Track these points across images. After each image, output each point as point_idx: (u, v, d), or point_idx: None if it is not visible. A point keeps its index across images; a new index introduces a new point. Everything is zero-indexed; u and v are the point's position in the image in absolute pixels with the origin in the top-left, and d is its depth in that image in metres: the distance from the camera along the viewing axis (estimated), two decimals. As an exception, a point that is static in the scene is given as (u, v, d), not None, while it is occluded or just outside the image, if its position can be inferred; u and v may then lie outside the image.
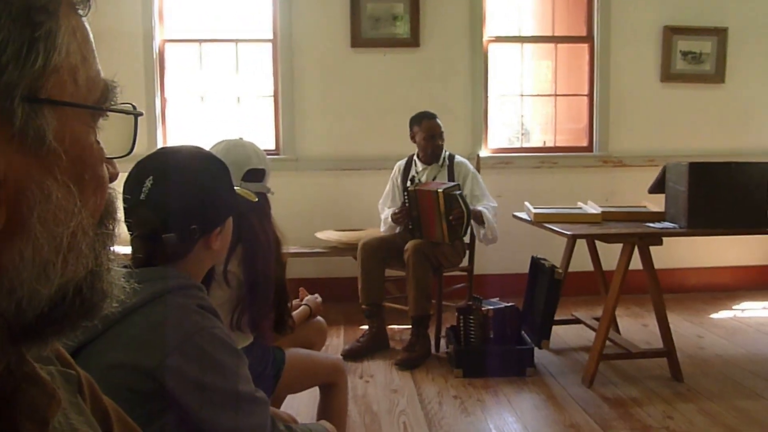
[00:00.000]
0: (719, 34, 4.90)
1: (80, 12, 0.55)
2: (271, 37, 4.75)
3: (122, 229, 0.82)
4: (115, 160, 0.61)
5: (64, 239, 0.51)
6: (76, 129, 0.53)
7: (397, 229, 3.87)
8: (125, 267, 0.61)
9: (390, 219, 3.80)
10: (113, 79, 0.59)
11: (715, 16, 4.90)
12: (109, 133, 0.60)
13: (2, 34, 0.47)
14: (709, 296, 4.88)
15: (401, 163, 4.04)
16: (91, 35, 0.57)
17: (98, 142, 0.57)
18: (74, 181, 0.52)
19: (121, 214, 0.61)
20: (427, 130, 3.81)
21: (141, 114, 0.63)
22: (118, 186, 0.64)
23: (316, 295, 2.38)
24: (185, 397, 1.05)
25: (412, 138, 3.90)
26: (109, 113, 0.58)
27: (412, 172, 3.92)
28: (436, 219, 3.51)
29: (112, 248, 0.59)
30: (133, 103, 0.63)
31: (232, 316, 1.91)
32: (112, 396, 0.77)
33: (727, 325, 4.17)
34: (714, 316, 4.40)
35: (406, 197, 3.66)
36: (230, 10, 4.80)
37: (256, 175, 2.03)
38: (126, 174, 1.23)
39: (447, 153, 3.90)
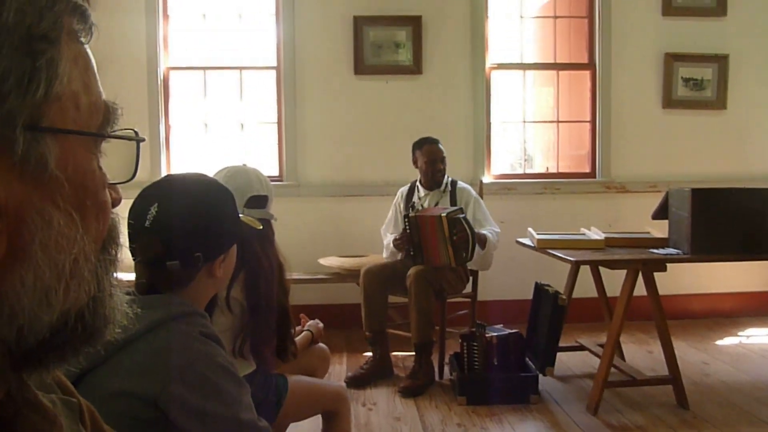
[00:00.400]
0: (720, 60, 4.94)
1: (82, 40, 0.56)
2: (274, 64, 4.80)
3: (126, 255, 0.83)
4: (118, 185, 0.61)
5: (66, 266, 0.51)
6: (78, 156, 0.53)
7: (399, 256, 3.87)
8: (128, 294, 0.61)
9: (392, 245, 3.81)
10: (114, 101, 0.59)
11: (716, 43, 4.94)
12: (112, 158, 0.61)
13: (4, 63, 0.47)
14: (713, 322, 4.85)
15: (404, 189, 4.05)
16: (93, 61, 0.57)
17: (100, 168, 0.57)
18: (76, 207, 0.52)
19: (124, 240, 0.61)
20: (428, 155, 3.82)
21: (143, 140, 0.63)
22: (122, 212, 0.65)
23: (317, 320, 2.38)
24: (187, 425, 1.05)
25: (415, 163, 3.92)
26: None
27: (415, 198, 3.93)
28: (441, 243, 3.51)
29: (114, 274, 0.59)
30: (136, 129, 0.63)
31: (234, 342, 1.90)
32: (114, 424, 0.76)
33: (732, 351, 4.14)
34: (719, 342, 4.37)
35: (406, 223, 3.67)
36: (234, 37, 4.86)
37: (259, 201, 2.03)
38: (131, 200, 1.24)
39: (449, 179, 3.92)
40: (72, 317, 0.53)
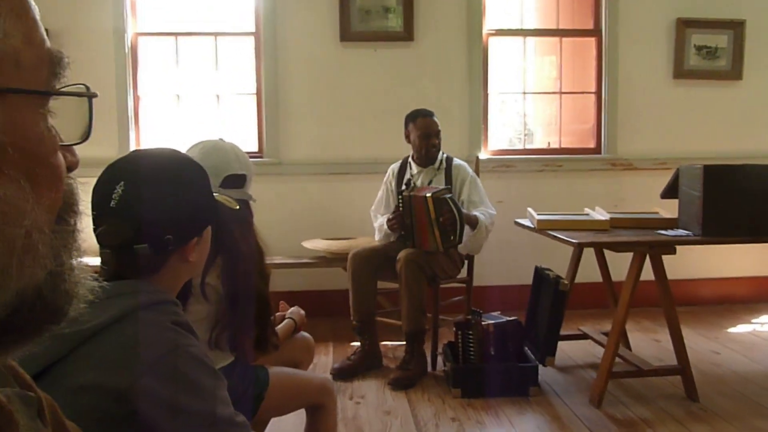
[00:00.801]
0: (736, 27, 4.94)
1: None
2: (253, 30, 4.76)
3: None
4: (73, 146, 0.59)
5: (18, 240, 0.50)
6: (22, 117, 0.52)
7: (393, 237, 3.88)
8: (94, 280, 0.61)
9: (385, 226, 3.81)
10: (60, 49, 0.57)
11: (731, 7, 4.94)
12: (64, 118, 0.59)
13: None
14: (725, 309, 4.91)
15: (395, 166, 4.05)
16: (33, 7, 0.54)
17: (50, 129, 0.55)
18: (25, 174, 0.51)
19: (83, 207, 0.60)
20: (422, 128, 3.82)
21: (95, 95, 0.61)
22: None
23: (297, 307, 2.37)
24: (158, 421, 1.05)
25: (407, 137, 3.91)
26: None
27: (407, 176, 3.93)
28: (428, 226, 3.52)
29: (75, 245, 0.57)
30: (86, 83, 0.61)
31: (210, 333, 1.90)
32: (80, 420, 0.76)
33: (744, 340, 4.19)
34: (731, 330, 4.42)
35: (400, 201, 3.67)
36: (209, 1, 4.81)
37: (236, 180, 2.02)
38: (95, 178, 1.23)
39: (444, 155, 3.91)
40: (29, 296, 0.52)
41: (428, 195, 3.46)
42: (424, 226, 3.55)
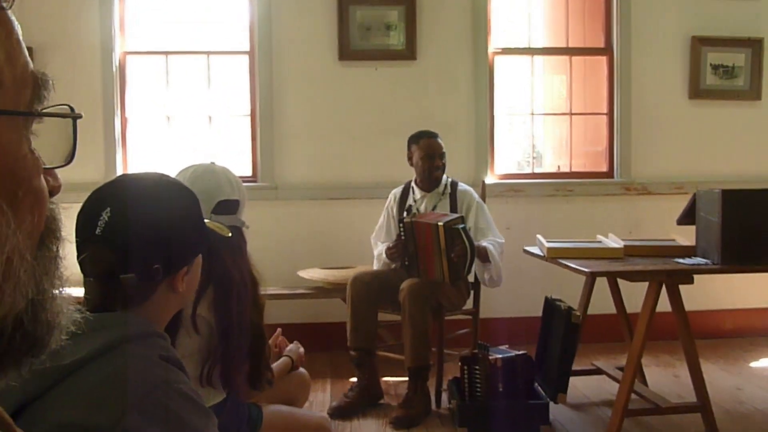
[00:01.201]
0: (754, 45, 4.98)
1: (3, 5, 0.54)
2: (247, 48, 4.80)
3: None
4: (56, 170, 0.60)
5: None
6: (5, 139, 0.52)
7: (393, 266, 3.87)
8: (77, 311, 0.61)
9: (384, 255, 3.81)
10: (44, 72, 0.58)
11: (748, 25, 4.98)
12: (47, 140, 0.59)
13: None
14: (748, 342, 4.88)
15: (397, 191, 4.05)
16: (16, 28, 0.55)
17: (33, 152, 0.56)
18: (6, 198, 0.51)
19: (65, 233, 0.60)
20: (425, 149, 3.83)
21: (79, 116, 0.62)
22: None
23: (297, 343, 2.37)
24: (145, 463, 1.04)
25: (410, 160, 3.93)
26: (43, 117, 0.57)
27: (410, 201, 3.94)
28: (436, 256, 3.51)
29: (57, 272, 0.58)
30: (71, 104, 0.62)
31: (202, 368, 1.89)
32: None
33: (769, 375, 4.17)
34: (754, 364, 4.39)
35: (401, 229, 3.67)
36: (201, 18, 4.85)
37: (228, 206, 2.03)
38: (80, 204, 1.24)
39: (449, 180, 3.92)
40: (9, 326, 0.52)
41: (440, 224, 3.45)
42: (430, 254, 3.54)
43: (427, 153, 3.83)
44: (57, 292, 0.57)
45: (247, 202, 2.12)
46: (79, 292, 1.19)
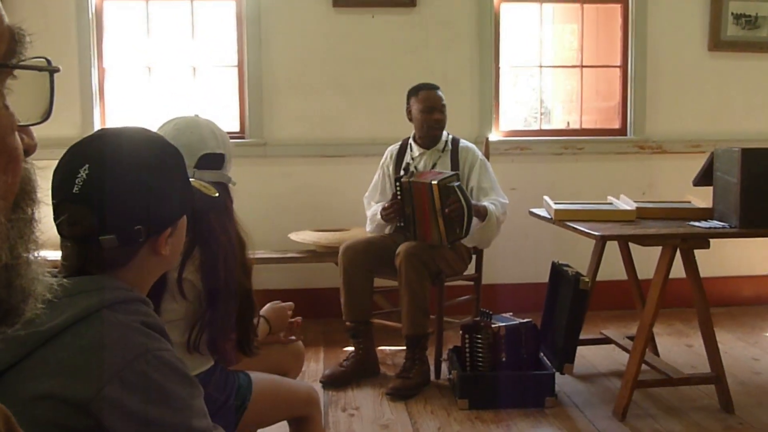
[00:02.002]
0: (779, -8, 4.93)
1: None
2: (234, -6, 4.75)
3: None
4: (31, 127, 0.59)
5: None
6: None
7: (388, 229, 3.87)
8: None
9: (379, 216, 3.81)
10: (21, 26, 0.58)
11: (774, -30, 4.92)
12: (21, 96, 0.59)
13: None
14: (766, 310, 4.91)
15: (393, 148, 4.04)
16: None
17: (7, 108, 0.56)
18: None
19: (41, 194, 0.60)
20: (424, 101, 3.81)
21: (57, 70, 0.61)
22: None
23: (271, 304, 2.32)
24: (127, 435, 1.05)
25: (408, 114, 3.91)
26: (18, 71, 0.57)
27: (407, 159, 3.93)
28: (432, 217, 3.52)
29: (32, 236, 0.57)
30: (48, 57, 0.61)
31: (189, 334, 1.91)
32: (37, 433, 0.76)
33: (787, 345, 4.21)
34: (772, 334, 4.43)
35: (398, 188, 3.66)
36: (184, -40, 4.79)
37: (213, 161, 2.02)
38: (55, 161, 1.23)
39: (450, 137, 3.91)
40: None
41: (434, 182, 3.45)
42: (427, 216, 3.55)
43: (426, 105, 3.81)
44: (32, 257, 0.57)
45: (233, 158, 2.11)
46: (55, 256, 1.20)
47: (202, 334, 1.91)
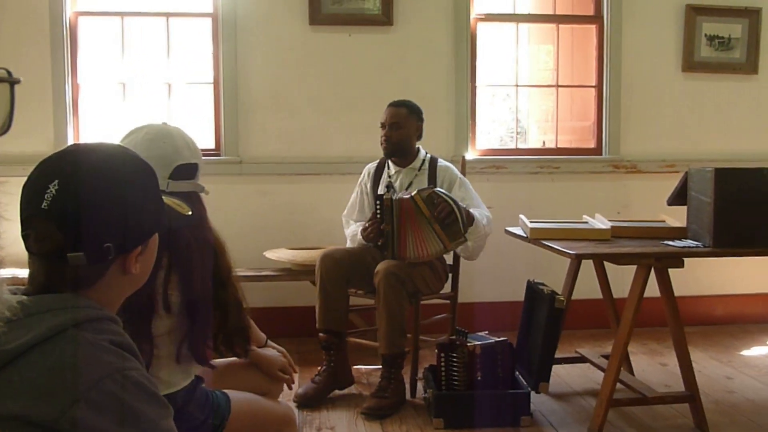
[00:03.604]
0: (751, 15, 5.01)
1: None
2: (210, 10, 4.74)
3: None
4: None
5: None
6: None
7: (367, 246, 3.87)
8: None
9: (359, 236, 3.79)
10: None
11: (745, -7, 5.01)
12: None
13: None
14: (739, 329, 4.95)
15: (371, 166, 4.04)
16: None
17: None
18: None
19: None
20: (383, 118, 3.84)
21: (18, 81, 0.61)
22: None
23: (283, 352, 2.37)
24: (95, 456, 1.03)
25: None
26: None
27: (385, 177, 3.93)
28: (425, 228, 3.52)
29: None
30: (8, 69, 0.60)
31: (178, 346, 1.91)
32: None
33: (760, 363, 4.23)
34: (745, 353, 4.46)
35: (378, 206, 3.65)
36: (160, -23, 4.78)
37: (187, 171, 2.02)
38: (25, 178, 1.21)
39: (428, 156, 3.91)
40: None
41: (413, 193, 3.50)
42: (419, 229, 3.54)
43: (381, 121, 3.85)
44: None
45: (203, 165, 2.12)
46: (17, 272, 1.18)
47: (184, 343, 1.93)
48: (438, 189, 3.54)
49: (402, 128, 3.83)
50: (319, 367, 3.74)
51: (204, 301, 1.93)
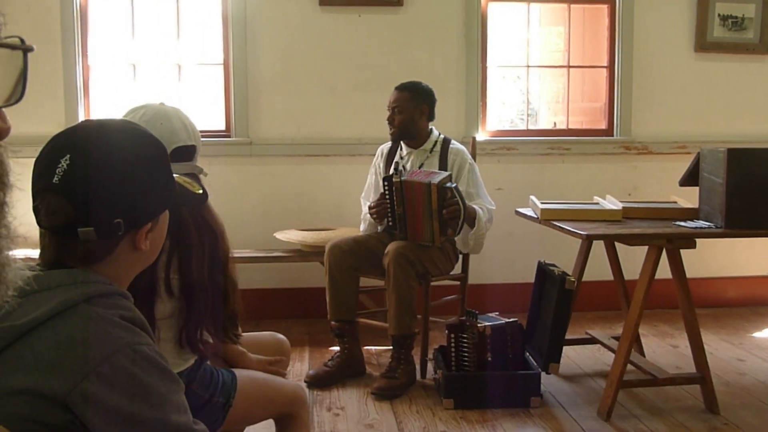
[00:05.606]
0: (765, -6, 4.96)
1: None
2: (220, -9, 4.73)
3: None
4: (3, 109, 0.58)
5: None
6: None
7: (379, 228, 3.86)
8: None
9: (369, 214, 3.80)
10: None
11: (760, -28, 4.95)
12: None
13: None
14: (751, 311, 4.94)
15: (384, 147, 4.02)
16: None
17: None
18: None
19: (13, 178, 0.59)
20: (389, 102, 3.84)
21: (31, 49, 0.60)
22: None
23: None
24: (105, 430, 1.04)
25: None
26: None
27: (396, 158, 3.92)
28: (426, 216, 3.51)
29: (2, 221, 0.56)
30: (22, 37, 0.60)
31: (180, 329, 1.93)
32: (12, 429, 0.75)
33: (772, 346, 4.23)
34: (757, 335, 4.45)
35: (386, 187, 3.65)
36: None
37: (185, 153, 2.02)
38: (38, 150, 1.21)
39: (441, 137, 3.89)
40: None
41: (433, 182, 3.45)
42: (420, 215, 3.53)
43: (388, 105, 3.84)
44: (2, 242, 0.55)
45: (201, 147, 2.11)
46: (28, 253, 1.18)
47: (184, 327, 1.93)
48: (456, 187, 3.49)
49: (404, 113, 3.80)
50: (333, 353, 3.75)
51: (202, 285, 1.93)
